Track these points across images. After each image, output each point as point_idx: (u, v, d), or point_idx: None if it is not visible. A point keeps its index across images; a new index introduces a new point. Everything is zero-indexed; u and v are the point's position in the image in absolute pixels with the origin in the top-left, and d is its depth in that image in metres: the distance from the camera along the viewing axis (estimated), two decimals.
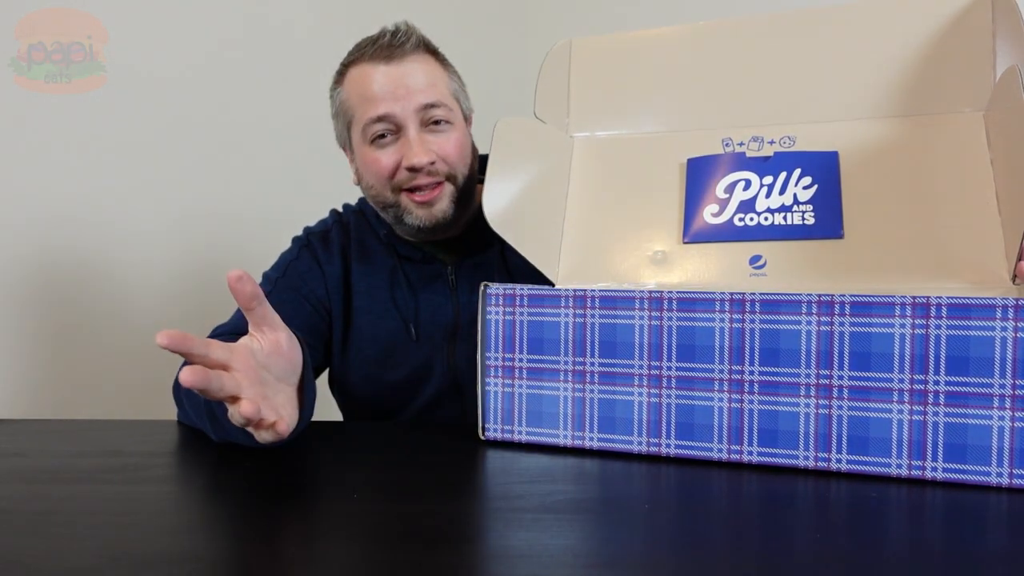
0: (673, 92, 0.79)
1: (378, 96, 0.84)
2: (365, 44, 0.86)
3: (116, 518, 0.54)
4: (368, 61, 0.85)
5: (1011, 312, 0.55)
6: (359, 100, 0.85)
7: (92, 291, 1.28)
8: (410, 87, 0.84)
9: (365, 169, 0.88)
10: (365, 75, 0.85)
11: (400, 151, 0.85)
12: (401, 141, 0.85)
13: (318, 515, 0.55)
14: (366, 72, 0.85)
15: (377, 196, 0.89)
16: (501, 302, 0.71)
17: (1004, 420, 0.55)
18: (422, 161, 0.84)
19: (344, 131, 0.90)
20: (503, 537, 0.50)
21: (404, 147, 0.85)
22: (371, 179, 0.88)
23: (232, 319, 0.89)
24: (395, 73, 0.84)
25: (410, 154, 0.84)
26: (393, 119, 0.84)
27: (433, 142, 0.85)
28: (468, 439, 0.72)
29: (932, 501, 0.55)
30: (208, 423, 0.71)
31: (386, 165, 0.85)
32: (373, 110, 0.84)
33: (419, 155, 0.84)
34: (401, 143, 0.85)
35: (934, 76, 0.69)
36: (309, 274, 0.93)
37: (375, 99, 0.84)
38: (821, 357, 0.60)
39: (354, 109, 0.86)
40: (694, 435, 0.64)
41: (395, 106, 0.84)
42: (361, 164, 0.89)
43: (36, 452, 0.72)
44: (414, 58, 0.85)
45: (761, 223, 0.69)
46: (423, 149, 0.84)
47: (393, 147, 0.85)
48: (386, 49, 0.84)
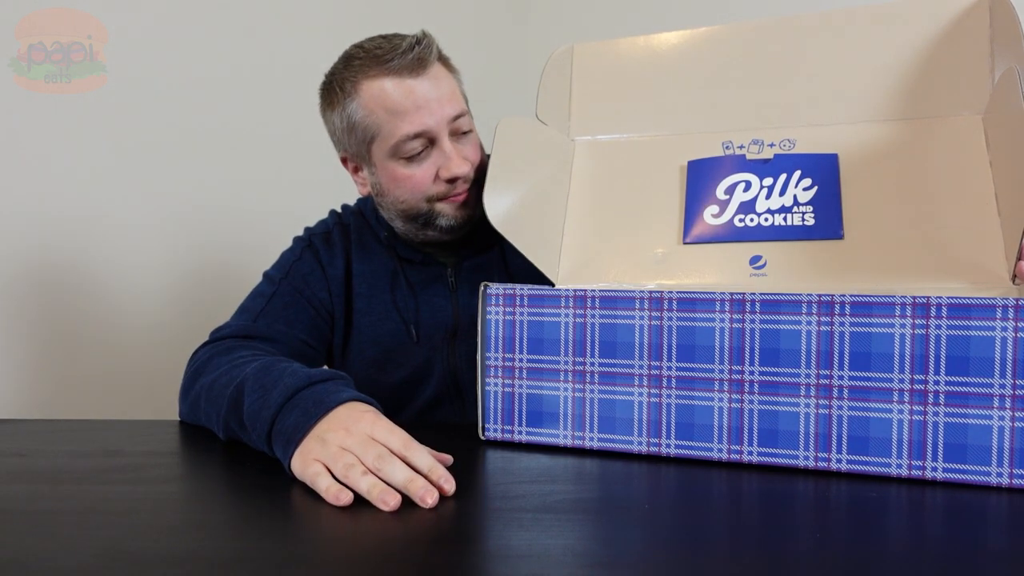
0: (674, 96, 0.79)
1: (411, 111, 0.81)
2: (381, 54, 0.82)
3: (116, 518, 0.54)
4: (392, 76, 0.81)
5: (1011, 312, 0.55)
6: (387, 116, 0.82)
7: (92, 291, 1.28)
8: (440, 99, 0.82)
9: (395, 185, 0.86)
10: (389, 90, 0.82)
11: (436, 163, 0.84)
12: (435, 153, 0.84)
13: (318, 515, 0.55)
14: (390, 87, 0.82)
15: (409, 210, 0.87)
16: (501, 302, 0.71)
17: (1004, 420, 0.56)
18: (464, 170, 0.83)
19: (362, 147, 0.86)
20: (503, 537, 0.50)
21: (440, 159, 0.84)
22: (404, 194, 0.86)
23: (238, 321, 0.89)
24: (424, 87, 0.82)
25: (451, 165, 0.83)
26: (429, 134, 0.83)
27: (464, 150, 0.85)
28: (468, 439, 0.72)
29: (932, 501, 0.55)
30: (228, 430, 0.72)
31: (423, 179, 0.84)
32: (408, 127, 0.82)
33: (460, 165, 0.83)
34: (435, 155, 0.84)
35: (933, 80, 0.70)
36: (312, 276, 0.93)
37: (407, 114, 0.81)
38: (821, 357, 0.60)
39: (380, 126, 0.83)
40: (694, 435, 0.64)
41: (430, 120, 0.82)
42: (389, 180, 0.86)
43: (36, 452, 0.72)
44: (436, 68, 0.84)
45: (761, 224, 0.69)
46: (461, 159, 0.84)
47: (428, 160, 0.84)
48: (413, 62, 0.81)
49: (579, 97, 0.83)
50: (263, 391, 0.67)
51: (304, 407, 0.63)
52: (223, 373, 0.75)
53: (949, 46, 0.69)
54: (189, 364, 0.84)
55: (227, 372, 0.75)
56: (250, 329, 0.87)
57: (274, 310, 0.89)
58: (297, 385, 0.65)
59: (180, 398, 0.83)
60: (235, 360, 0.77)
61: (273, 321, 0.88)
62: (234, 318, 0.90)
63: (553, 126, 0.81)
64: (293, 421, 0.63)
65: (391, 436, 0.61)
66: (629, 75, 0.81)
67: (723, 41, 0.78)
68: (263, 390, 0.67)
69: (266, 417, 0.65)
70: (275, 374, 0.68)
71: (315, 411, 0.63)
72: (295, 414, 0.63)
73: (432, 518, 0.53)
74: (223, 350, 0.82)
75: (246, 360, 0.76)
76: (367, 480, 0.56)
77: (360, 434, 0.60)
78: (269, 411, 0.65)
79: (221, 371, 0.76)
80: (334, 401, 0.63)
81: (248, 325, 0.87)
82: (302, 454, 0.61)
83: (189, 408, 0.80)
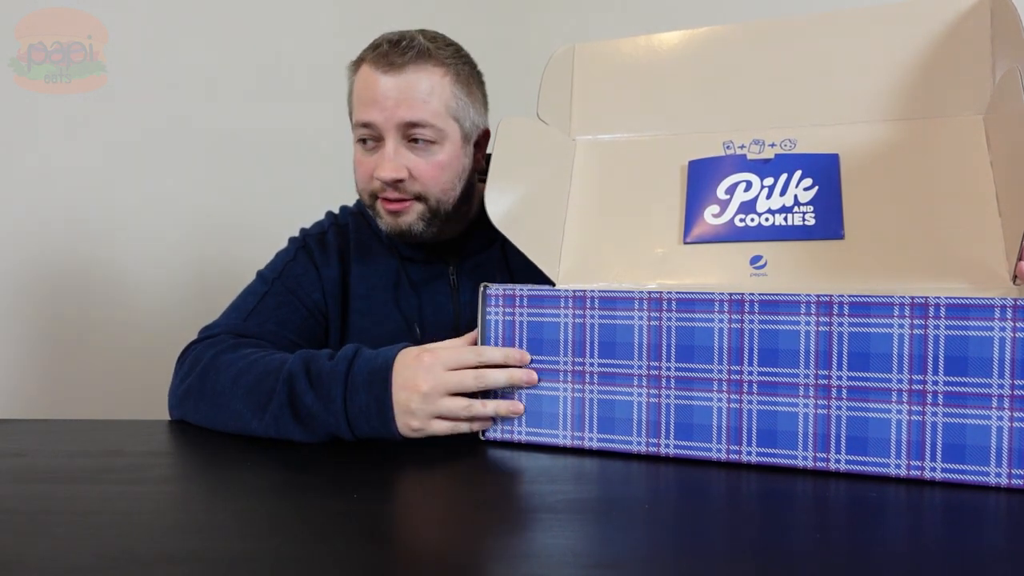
0: (675, 97, 0.79)
1: (366, 102, 0.84)
2: (380, 43, 0.86)
3: (116, 518, 0.54)
4: (372, 65, 0.84)
5: (1010, 312, 0.55)
6: (356, 100, 0.86)
7: (92, 291, 1.28)
8: (397, 100, 0.83)
9: (354, 167, 0.89)
10: (365, 78, 0.85)
11: (376, 160, 0.85)
12: (380, 150, 0.85)
13: (318, 515, 0.55)
14: (367, 75, 0.85)
15: (361, 195, 0.90)
16: (501, 302, 0.71)
17: (1003, 420, 0.56)
18: (387, 177, 0.84)
19: (349, 119, 0.91)
20: (503, 537, 0.50)
21: (379, 158, 0.85)
22: (356, 178, 0.89)
23: (228, 320, 0.88)
24: (388, 84, 0.83)
25: (380, 167, 0.84)
26: (375, 128, 0.84)
27: (410, 159, 0.85)
28: (468, 439, 0.72)
29: (931, 501, 0.55)
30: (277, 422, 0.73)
31: (364, 170, 0.87)
32: (360, 114, 0.85)
33: (387, 171, 0.84)
34: (379, 152, 0.85)
35: (934, 80, 0.70)
36: (305, 277, 0.93)
37: (364, 104, 0.84)
38: (820, 357, 0.60)
39: (352, 106, 0.88)
40: (693, 435, 0.64)
41: (378, 116, 0.83)
42: (353, 161, 0.90)
43: (36, 452, 0.72)
44: (414, 70, 0.84)
45: (762, 224, 0.69)
46: (392, 165, 0.84)
47: (374, 154, 0.86)
48: (386, 57, 0.83)
49: (580, 97, 0.83)
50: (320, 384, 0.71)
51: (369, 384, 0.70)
52: (248, 366, 0.76)
53: (950, 47, 0.69)
54: (185, 362, 0.83)
55: (252, 366, 0.76)
56: (240, 328, 0.87)
57: (266, 309, 0.89)
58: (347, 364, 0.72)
59: (182, 396, 0.81)
60: (250, 356, 0.78)
61: (264, 320, 0.88)
62: (224, 316, 0.90)
63: (554, 126, 0.81)
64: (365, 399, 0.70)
65: (455, 355, 0.70)
66: (630, 75, 0.81)
67: (724, 41, 0.78)
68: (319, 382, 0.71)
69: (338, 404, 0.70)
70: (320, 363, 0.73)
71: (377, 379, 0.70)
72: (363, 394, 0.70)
73: (432, 518, 0.53)
74: (228, 347, 0.81)
75: (267, 353, 0.78)
76: (490, 405, 0.69)
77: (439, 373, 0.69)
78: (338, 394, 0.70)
79: (241, 366, 0.77)
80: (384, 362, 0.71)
81: (239, 324, 0.87)
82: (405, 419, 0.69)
83: (200, 407, 0.78)
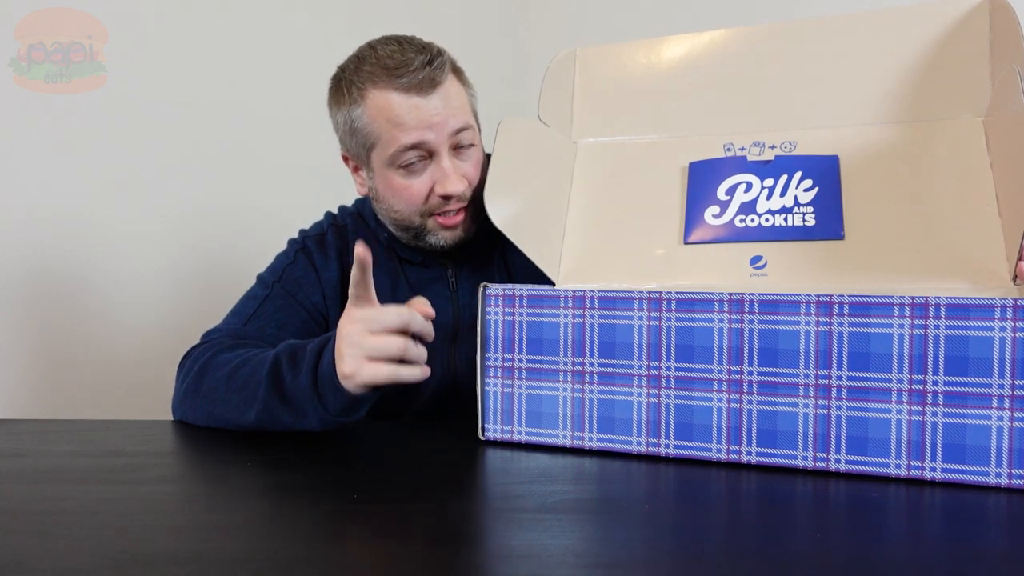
0: (675, 99, 0.79)
1: (411, 125, 0.81)
2: (393, 66, 0.81)
3: (116, 518, 0.54)
4: (400, 91, 0.81)
5: (1010, 312, 0.55)
6: (388, 126, 0.82)
7: (92, 291, 1.28)
8: (444, 114, 0.82)
9: (391, 194, 0.86)
10: (395, 103, 0.81)
11: (432, 177, 0.83)
12: (433, 167, 0.83)
13: (318, 515, 0.55)
14: (396, 101, 0.81)
15: (402, 220, 0.87)
16: (500, 302, 0.71)
17: (1003, 420, 0.56)
18: (459, 189, 0.83)
19: (362, 151, 0.86)
20: (503, 537, 0.50)
21: (437, 173, 0.83)
22: (398, 204, 0.86)
23: (229, 324, 0.89)
24: (431, 105, 0.81)
25: (446, 182, 0.83)
26: (426, 146, 0.82)
27: (462, 167, 0.84)
28: (468, 439, 0.72)
29: (931, 501, 0.55)
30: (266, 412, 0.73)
31: (418, 192, 0.84)
32: (405, 137, 0.81)
33: (456, 184, 0.83)
34: (433, 169, 0.83)
35: (933, 82, 0.70)
36: (305, 279, 0.93)
37: (407, 128, 0.81)
38: (820, 357, 0.60)
39: (380, 134, 0.83)
40: (693, 435, 0.64)
41: (429, 134, 0.81)
42: (385, 188, 0.86)
43: (36, 452, 0.72)
44: (448, 85, 0.83)
45: (762, 224, 0.70)
46: (458, 177, 0.83)
47: (425, 174, 0.84)
48: (424, 81, 0.81)
49: (581, 100, 0.83)
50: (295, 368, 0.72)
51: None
52: (243, 362, 0.76)
53: (949, 49, 0.70)
54: (185, 364, 0.84)
55: (247, 361, 0.76)
56: (241, 332, 0.87)
57: (266, 313, 0.89)
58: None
59: (182, 397, 0.82)
60: (245, 354, 0.78)
61: (264, 324, 0.88)
62: (225, 321, 0.90)
63: (555, 128, 0.82)
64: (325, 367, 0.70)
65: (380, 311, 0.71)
66: (631, 79, 0.81)
67: (725, 45, 0.78)
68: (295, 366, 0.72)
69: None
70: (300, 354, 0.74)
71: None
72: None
73: (432, 518, 0.53)
74: (226, 347, 0.82)
75: (263, 351, 0.78)
76: None
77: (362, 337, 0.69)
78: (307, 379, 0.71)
79: (236, 363, 0.77)
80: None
81: (239, 328, 0.87)
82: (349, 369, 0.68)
83: (199, 404, 0.79)
